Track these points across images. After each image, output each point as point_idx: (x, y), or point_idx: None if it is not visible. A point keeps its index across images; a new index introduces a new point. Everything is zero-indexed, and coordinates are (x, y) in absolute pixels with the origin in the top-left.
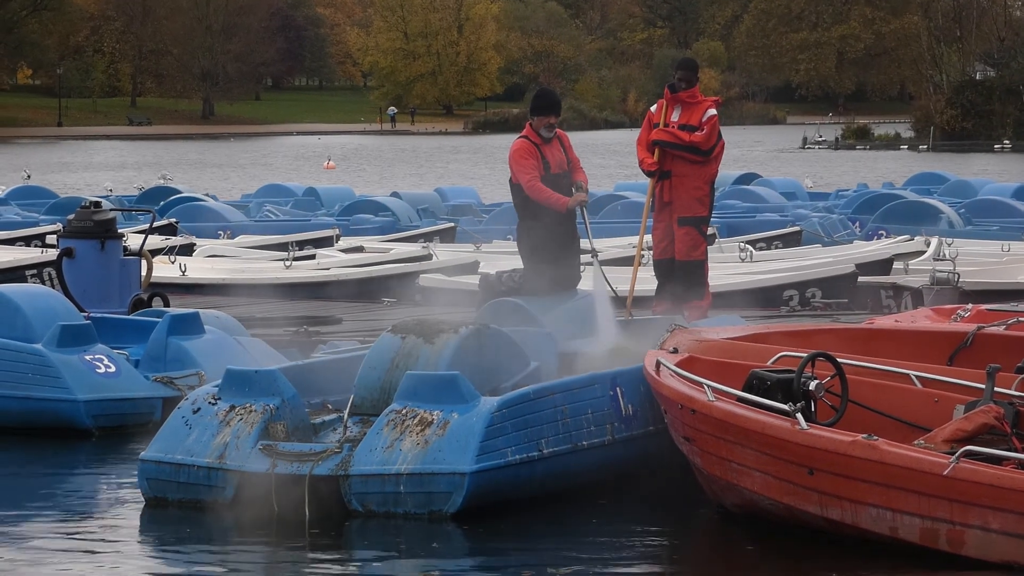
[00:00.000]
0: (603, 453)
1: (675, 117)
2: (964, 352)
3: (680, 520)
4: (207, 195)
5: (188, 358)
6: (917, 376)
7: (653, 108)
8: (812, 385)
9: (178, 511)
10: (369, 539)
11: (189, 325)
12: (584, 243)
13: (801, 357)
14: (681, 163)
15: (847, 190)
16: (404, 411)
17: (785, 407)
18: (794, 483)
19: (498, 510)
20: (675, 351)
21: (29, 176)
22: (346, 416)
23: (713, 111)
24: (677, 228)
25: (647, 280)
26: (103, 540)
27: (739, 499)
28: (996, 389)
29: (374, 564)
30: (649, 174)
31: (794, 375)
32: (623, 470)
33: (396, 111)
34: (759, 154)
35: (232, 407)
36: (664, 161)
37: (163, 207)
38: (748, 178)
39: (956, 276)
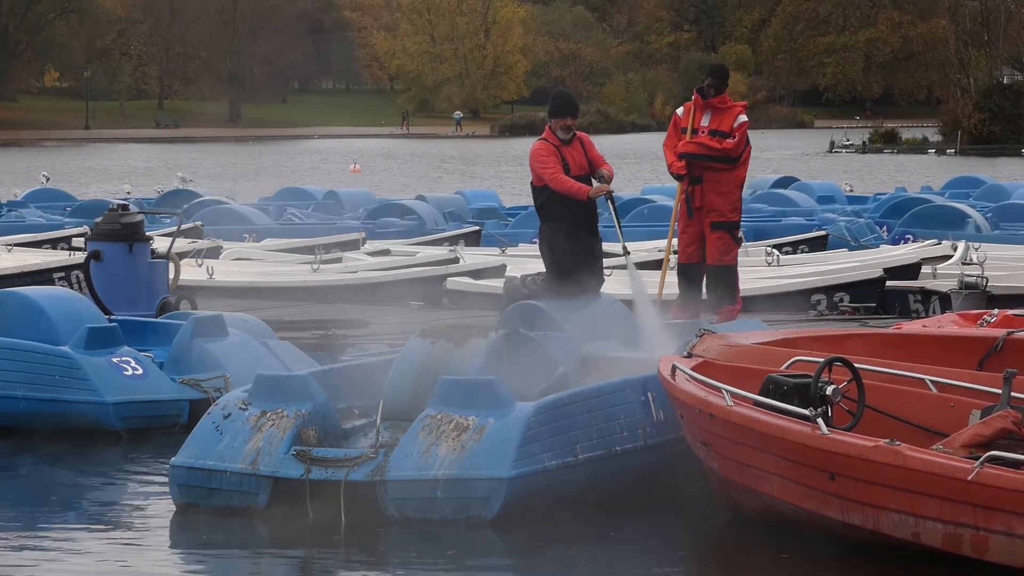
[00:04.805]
0: (636, 458)
1: (705, 122)
2: (994, 357)
3: (703, 526)
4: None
5: (212, 360)
6: (933, 381)
7: (680, 111)
8: (829, 390)
9: (210, 517)
10: (405, 545)
11: (213, 327)
12: (613, 244)
13: (815, 362)
14: (712, 168)
15: (884, 194)
16: (439, 416)
17: (805, 412)
18: (815, 488)
19: (533, 515)
20: (689, 356)
21: (48, 179)
22: (378, 421)
23: (744, 117)
24: (709, 232)
25: (675, 284)
26: (134, 546)
27: (758, 504)
28: (1013, 394)
29: (411, 570)
30: (678, 178)
31: (811, 380)
32: (655, 475)
33: (462, 115)
34: (784, 158)
35: (263, 412)
36: (694, 166)
37: (186, 210)
38: (786, 182)
39: (984, 280)
